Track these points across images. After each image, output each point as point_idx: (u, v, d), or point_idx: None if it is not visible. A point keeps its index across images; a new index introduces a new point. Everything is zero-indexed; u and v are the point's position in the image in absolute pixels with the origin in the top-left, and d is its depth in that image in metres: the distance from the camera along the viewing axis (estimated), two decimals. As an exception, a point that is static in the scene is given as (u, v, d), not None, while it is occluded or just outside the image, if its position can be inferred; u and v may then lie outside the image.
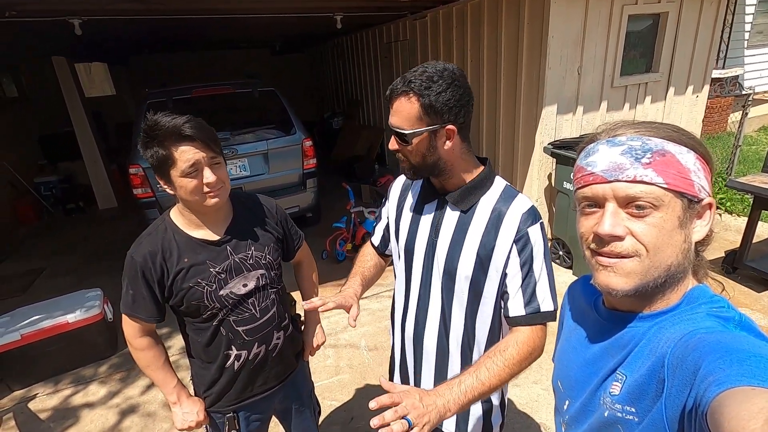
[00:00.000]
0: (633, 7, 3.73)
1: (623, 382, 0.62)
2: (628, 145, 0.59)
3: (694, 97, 4.48)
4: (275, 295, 1.36)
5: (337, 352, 2.96)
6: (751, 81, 8.53)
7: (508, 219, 1.03)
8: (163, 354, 1.31)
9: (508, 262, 1.03)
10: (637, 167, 0.58)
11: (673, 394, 0.52)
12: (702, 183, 0.59)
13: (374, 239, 1.37)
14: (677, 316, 0.61)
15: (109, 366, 2.99)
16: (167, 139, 1.07)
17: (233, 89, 4.25)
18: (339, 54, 8.30)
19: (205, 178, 1.12)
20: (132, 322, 1.24)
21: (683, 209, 0.59)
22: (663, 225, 0.58)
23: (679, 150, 0.59)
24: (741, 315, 0.57)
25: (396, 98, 0.99)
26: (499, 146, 4.27)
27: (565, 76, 3.64)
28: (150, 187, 3.76)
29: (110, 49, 6.99)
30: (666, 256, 0.59)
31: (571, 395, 0.76)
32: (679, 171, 0.58)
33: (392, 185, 1.29)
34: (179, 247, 1.20)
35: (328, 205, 5.49)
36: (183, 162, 1.09)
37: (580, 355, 0.73)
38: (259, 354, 1.32)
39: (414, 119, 0.97)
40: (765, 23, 8.68)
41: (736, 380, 0.43)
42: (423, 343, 1.18)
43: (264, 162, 4.20)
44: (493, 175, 1.11)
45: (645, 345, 0.61)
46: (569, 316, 0.82)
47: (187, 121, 1.09)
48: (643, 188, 0.57)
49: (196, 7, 3.72)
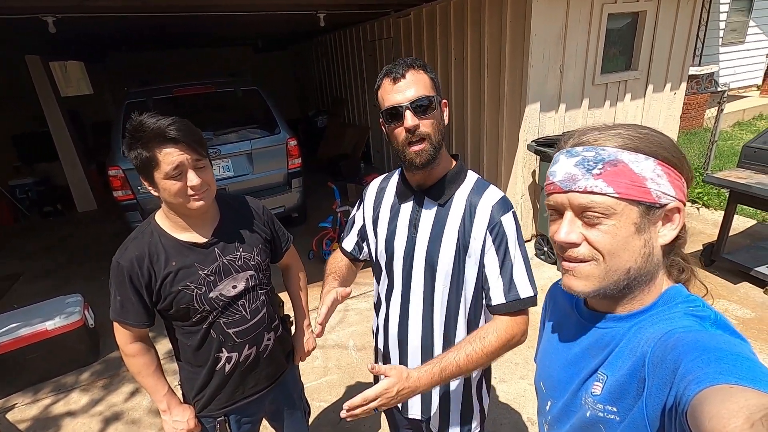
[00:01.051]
0: (612, 5, 3.79)
1: (604, 382, 0.64)
2: (582, 156, 0.62)
3: (672, 94, 4.58)
4: (265, 296, 1.36)
5: (325, 352, 2.95)
6: (726, 77, 8.78)
7: (480, 209, 1.07)
8: (154, 361, 1.29)
9: (484, 251, 1.07)
10: (588, 178, 0.60)
11: (654, 393, 0.53)
12: (663, 189, 0.59)
13: (346, 245, 1.34)
14: (655, 315, 0.62)
15: (91, 373, 2.92)
16: (151, 141, 1.06)
17: (215, 88, 4.18)
18: (323, 52, 8.24)
19: (189, 180, 1.11)
20: (122, 329, 1.22)
21: (640, 216, 0.60)
22: (616, 232, 0.60)
23: (634, 158, 0.59)
24: (716, 313, 0.58)
25: (407, 71, 1.01)
26: (484, 144, 4.30)
27: (548, 74, 3.68)
28: (131, 189, 3.68)
29: (87, 47, 6.80)
30: (623, 261, 0.61)
31: (553, 395, 0.77)
32: (632, 180, 0.59)
33: (366, 189, 1.30)
34: (166, 250, 1.18)
35: (314, 204, 5.46)
36: (166, 164, 1.08)
37: (562, 355, 0.74)
38: (250, 356, 1.32)
39: (430, 87, 1.02)
40: (738, 21, 8.94)
41: (714, 378, 0.44)
42: (407, 341, 1.19)
43: (248, 162, 4.15)
44: (465, 169, 1.15)
45: (625, 345, 0.63)
46: (551, 317, 0.83)
47: (172, 123, 1.07)
48: (594, 198, 0.60)
49: (177, 4, 3.64)
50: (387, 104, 1.02)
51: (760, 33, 9.37)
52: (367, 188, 1.30)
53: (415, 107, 0.99)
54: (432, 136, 1.02)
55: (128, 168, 3.64)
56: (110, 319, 1.23)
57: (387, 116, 1.03)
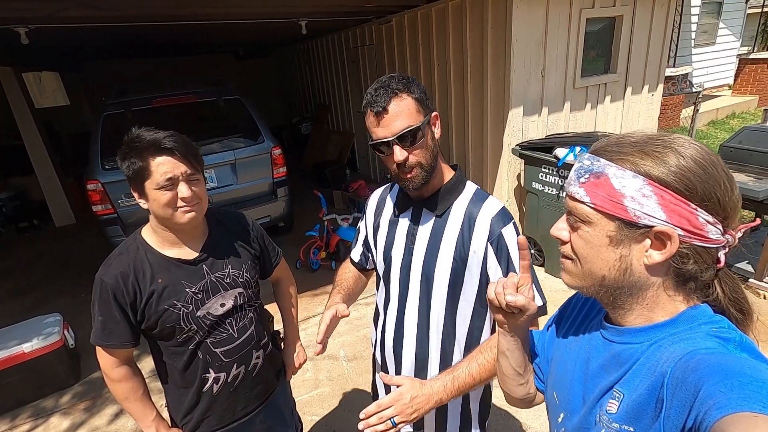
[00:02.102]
0: (590, 10, 3.86)
1: (620, 401, 0.62)
2: (582, 163, 0.65)
3: (650, 95, 4.68)
4: (253, 313, 1.33)
5: (315, 364, 2.90)
6: (699, 78, 9.04)
7: (480, 221, 1.05)
8: (141, 385, 1.25)
9: (486, 264, 1.05)
10: (575, 185, 0.64)
11: (672, 415, 0.52)
12: (645, 210, 0.57)
13: (353, 255, 1.36)
14: (676, 335, 0.60)
15: (72, 396, 2.81)
16: (146, 151, 1.06)
17: (196, 98, 4.10)
18: (305, 59, 8.21)
19: (181, 192, 1.09)
20: (106, 354, 1.18)
21: (617, 230, 0.60)
22: (589, 239, 0.63)
23: (620, 174, 0.59)
24: (742, 336, 0.57)
25: (389, 103, 0.97)
26: (469, 149, 4.32)
27: (530, 79, 3.72)
28: (110, 202, 3.58)
29: (63, 57, 6.63)
30: (596, 268, 0.64)
31: (566, 409, 0.75)
32: (610, 194, 0.60)
33: (368, 199, 1.30)
34: (152, 267, 1.15)
35: (300, 212, 5.40)
36: (159, 174, 1.07)
37: (580, 369, 0.73)
38: (238, 375, 1.29)
39: (414, 113, 0.99)
40: (709, 23, 9.23)
41: (737, 405, 0.43)
42: (403, 350, 1.19)
43: (232, 172, 4.09)
44: (464, 179, 1.14)
45: (643, 363, 0.61)
46: (571, 325, 0.82)
47: (168, 135, 1.08)
48: (575, 204, 0.64)
49: (155, 14, 3.58)
50: (374, 137, 1.00)
51: (729, 34, 9.69)
52: (368, 199, 1.31)
53: (402, 139, 0.98)
54: (423, 164, 1.02)
55: (108, 181, 3.54)
56: (91, 343, 1.17)
57: (376, 149, 1.02)
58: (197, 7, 3.57)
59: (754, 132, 3.10)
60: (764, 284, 3.17)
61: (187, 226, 1.16)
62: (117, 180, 3.56)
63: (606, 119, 4.42)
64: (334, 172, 6.60)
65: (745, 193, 2.92)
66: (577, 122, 4.22)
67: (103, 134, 3.67)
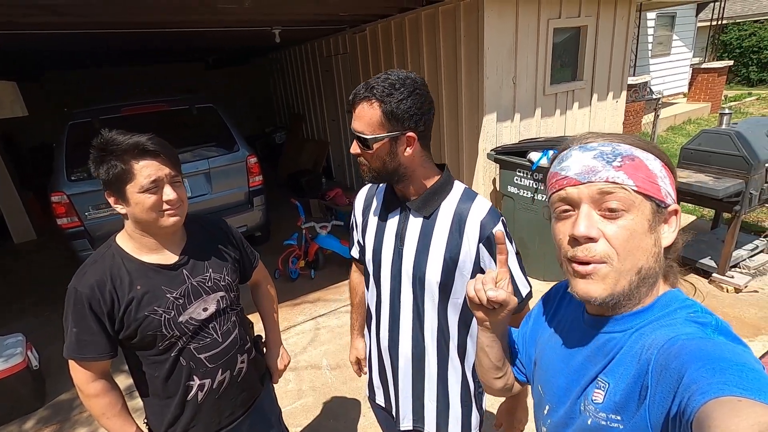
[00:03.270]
0: (557, 20, 4.02)
1: (606, 390, 0.63)
2: (600, 150, 0.62)
3: (614, 102, 4.90)
4: (236, 317, 1.31)
5: (298, 374, 2.84)
6: (657, 86, 9.53)
7: (470, 222, 1.06)
8: (119, 399, 1.19)
9: (479, 263, 1.07)
10: (609, 170, 0.60)
11: (657, 401, 0.53)
12: (668, 189, 0.62)
13: (354, 253, 1.37)
14: (656, 322, 0.62)
15: (37, 420, 2.64)
16: (127, 154, 1.03)
17: (168, 106, 4.01)
18: (279, 68, 8.16)
19: (166, 195, 1.07)
20: (80, 368, 1.11)
21: (652, 213, 0.60)
22: (634, 227, 0.59)
23: (646, 156, 0.62)
24: (717, 319, 0.59)
25: (358, 103, 0.99)
26: (445, 155, 4.39)
27: (502, 86, 3.83)
28: (77, 215, 3.42)
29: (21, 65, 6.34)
30: (636, 259, 0.60)
31: (551, 401, 0.76)
32: (648, 175, 0.60)
33: (356, 197, 1.30)
34: (130, 273, 1.11)
35: (276, 222, 5.33)
36: (143, 177, 1.04)
37: (564, 362, 0.73)
38: (224, 381, 1.25)
39: (375, 125, 0.99)
40: (664, 35, 9.78)
41: (720, 390, 0.44)
42: (398, 349, 1.19)
43: (206, 181, 3.99)
44: (452, 180, 1.14)
45: (627, 351, 0.62)
46: (551, 319, 0.82)
47: (149, 138, 1.06)
48: (614, 189, 0.59)
49: (122, 21, 3.48)
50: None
51: (682, 45, 10.30)
52: (356, 197, 1.31)
53: (359, 138, 1.02)
54: (370, 165, 1.04)
55: (74, 193, 3.39)
56: (64, 357, 1.11)
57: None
58: (168, 14, 3.49)
59: (712, 135, 3.29)
60: (726, 278, 3.34)
61: (170, 230, 1.14)
62: (84, 191, 3.42)
63: (575, 125, 4.58)
64: (310, 181, 6.55)
65: (706, 192, 3.09)
66: (548, 128, 4.36)
67: (69, 145, 3.53)
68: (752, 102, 10.65)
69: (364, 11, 4.36)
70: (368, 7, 4.20)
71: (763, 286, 3.33)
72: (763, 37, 13.08)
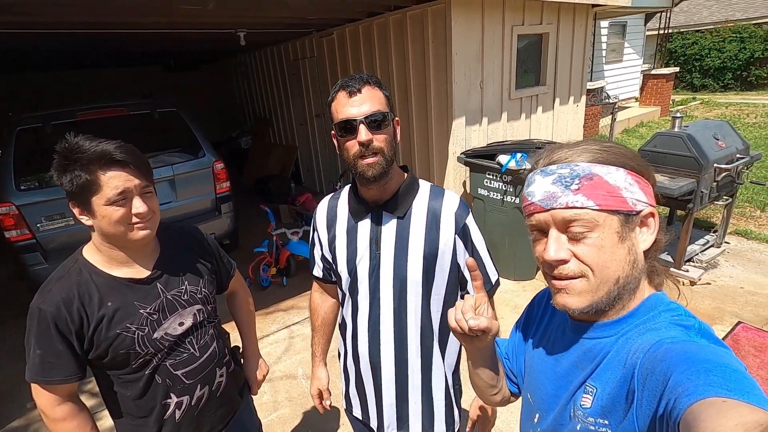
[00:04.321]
0: (521, 27, 4.16)
1: (594, 395, 0.64)
2: (558, 174, 0.64)
3: (575, 106, 5.11)
4: (213, 329, 1.26)
5: (273, 386, 2.76)
6: (612, 91, 10.02)
7: (444, 216, 1.10)
8: (89, 421, 1.11)
9: (456, 254, 1.11)
10: (568, 194, 0.62)
11: (644, 405, 0.55)
12: (636, 196, 0.62)
13: (316, 272, 1.33)
14: (641, 326, 0.63)
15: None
16: (93, 163, 0.96)
17: (128, 111, 3.82)
18: (244, 71, 7.99)
19: (135, 207, 1.01)
20: (45, 391, 1.03)
21: (621, 224, 0.62)
22: (602, 244, 0.61)
23: (606, 171, 0.62)
24: (699, 322, 0.61)
25: (363, 87, 1.01)
26: (415, 159, 4.43)
27: (470, 90, 3.91)
28: (27, 227, 3.20)
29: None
30: (612, 272, 0.62)
31: (541, 408, 0.76)
32: (609, 191, 0.61)
33: (316, 212, 1.27)
34: (99, 289, 1.05)
35: (245, 229, 5.18)
36: (110, 189, 0.98)
37: (551, 368, 0.74)
38: (203, 397, 1.20)
39: (384, 104, 1.03)
40: (616, 43, 10.30)
41: (705, 391, 0.46)
42: (381, 357, 1.17)
43: (170, 189, 3.83)
44: (416, 179, 1.17)
45: (613, 357, 0.63)
46: (537, 327, 0.83)
47: (118, 146, 0.99)
48: (575, 213, 0.61)
49: (75, 21, 3.29)
50: (341, 117, 1.00)
51: (633, 53, 10.88)
52: (315, 213, 1.27)
53: (370, 122, 0.99)
54: (385, 151, 1.02)
55: (24, 203, 3.17)
56: (27, 380, 1.03)
57: (340, 129, 1.01)
58: (129, 15, 3.34)
59: (666, 137, 3.48)
60: (682, 272, 3.54)
61: (140, 243, 1.08)
62: (35, 201, 3.20)
63: (539, 128, 4.74)
64: (278, 186, 6.44)
65: (662, 191, 3.26)
66: (514, 131, 4.49)
67: (17, 151, 3.29)
68: (696, 106, 11.41)
69: (331, 15, 4.34)
70: (336, 12, 4.18)
71: (714, 279, 3.55)
72: (704, 45, 14.07)
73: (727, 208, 3.83)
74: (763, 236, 4.16)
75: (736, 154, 3.47)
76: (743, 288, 3.39)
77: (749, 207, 4.87)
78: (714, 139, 3.43)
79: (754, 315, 3.05)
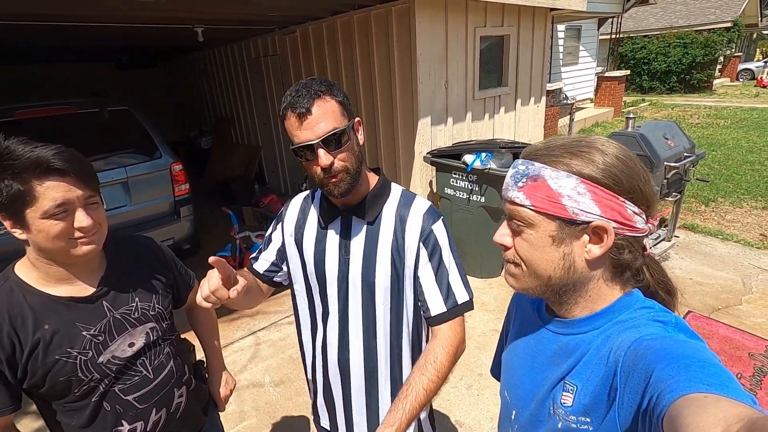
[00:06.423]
0: (483, 29, 4.23)
1: (575, 393, 0.64)
2: (517, 168, 0.67)
3: (536, 106, 5.26)
4: (170, 347, 1.16)
5: (238, 395, 2.66)
6: (569, 92, 10.43)
7: (411, 221, 1.06)
8: None
9: (418, 262, 1.06)
10: (514, 190, 0.66)
11: (626, 402, 0.55)
12: (582, 207, 0.61)
13: (258, 266, 1.22)
14: (621, 323, 0.64)
15: None
16: (27, 172, 0.85)
17: (75, 109, 3.58)
18: (203, 69, 7.69)
19: (78, 221, 0.90)
20: None
21: (558, 229, 0.63)
22: (533, 241, 0.65)
23: (555, 175, 0.62)
24: (676, 317, 0.63)
25: (313, 104, 0.92)
26: (382, 158, 4.41)
27: (435, 90, 3.94)
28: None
29: None
30: (542, 269, 0.66)
31: (518, 405, 0.76)
32: (548, 195, 0.62)
33: (286, 210, 1.21)
34: (34, 311, 0.94)
35: (206, 233, 4.99)
36: (48, 201, 0.86)
37: (526, 364, 0.75)
38: (159, 421, 1.11)
39: (339, 116, 0.95)
40: (572, 46, 10.72)
41: (687, 387, 0.47)
42: (349, 366, 1.14)
43: (124, 192, 3.62)
44: (389, 183, 1.13)
45: (594, 354, 0.64)
46: (515, 324, 0.83)
47: (57, 153, 0.87)
48: (516, 208, 0.66)
49: (17, 12, 3.04)
50: (296, 140, 0.94)
51: (588, 56, 11.37)
52: (286, 207, 1.22)
53: (327, 142, 0.93)
54: (349, 167, 0.98)
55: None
56: None
57: (298, 154, 0.96)
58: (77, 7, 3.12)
59: (621, 137, 3.64)
60: (638, 265, 3.72)
61: (83, 259, 0.97)
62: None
63: (502, 128, 4.85)
64: (241, 187, 6.25)
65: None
66: (478, 131, 4.56)
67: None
68: (646, 107, 12.09)
69: (293, 13, 4.25)
70: (298, 9, 4.09)
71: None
72: (651, 50, 14.92)
73: (676, 204, 4.06)
74: (707, 230, 4.44)
75: (684, 152, 3.68)
76: (692, 279, 3.60)
77: (695, 202, 5.19)
78: (664, 139, 3.62)
79: (702, 304, 3.24)
